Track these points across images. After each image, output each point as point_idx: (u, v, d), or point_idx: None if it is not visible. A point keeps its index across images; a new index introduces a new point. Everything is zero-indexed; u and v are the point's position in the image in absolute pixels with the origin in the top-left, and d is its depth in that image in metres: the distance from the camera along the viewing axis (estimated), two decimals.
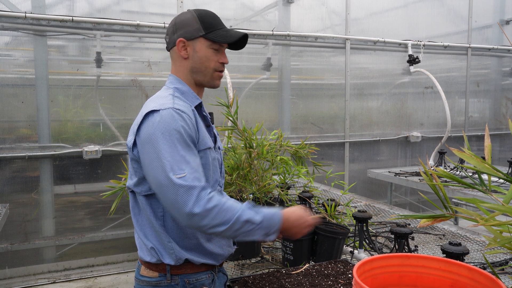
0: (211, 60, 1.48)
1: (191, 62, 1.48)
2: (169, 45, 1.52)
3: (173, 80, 1.52)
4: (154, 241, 1.45)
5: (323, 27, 4.98)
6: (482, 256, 2.09)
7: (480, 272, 1.12)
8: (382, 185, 5.28)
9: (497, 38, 6.06)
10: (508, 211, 1.02)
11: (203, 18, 1.46)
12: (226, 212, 1.32)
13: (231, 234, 1.34)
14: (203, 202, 1.29)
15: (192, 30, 1.45)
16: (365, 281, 1.14)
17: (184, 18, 1.48)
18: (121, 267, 4.14)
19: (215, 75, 1.51)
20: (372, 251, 2.09)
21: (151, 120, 1.34)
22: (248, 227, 1.33)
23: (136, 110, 4.10)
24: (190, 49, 1.47)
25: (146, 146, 1.34)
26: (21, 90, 3.74)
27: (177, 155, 1.31)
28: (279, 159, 2.49)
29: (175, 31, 1.48)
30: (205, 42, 1.46)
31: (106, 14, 3.96)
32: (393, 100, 5.44)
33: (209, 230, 1.32)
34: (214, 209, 1.30)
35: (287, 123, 4.87)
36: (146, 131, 1.35)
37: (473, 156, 1.11)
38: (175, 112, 1.35)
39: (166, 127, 1.33)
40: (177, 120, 1.34)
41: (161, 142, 1.31)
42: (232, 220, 1.31)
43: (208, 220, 1.30)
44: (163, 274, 1.45)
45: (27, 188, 3.82)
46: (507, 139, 6.29)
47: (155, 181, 1.32)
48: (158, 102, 1.39)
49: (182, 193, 1.29)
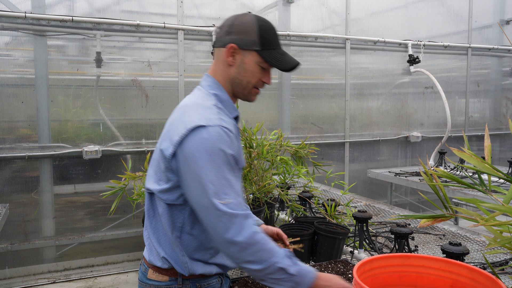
0: (255, 77, 1.41)
1: (235, 71, 1.41)
2: (217, 44, 1.42)
3: (212, 85, 1.43)
4: (167, 250, 1.40)
5: (323, 27, 4.98)
6: (482, 256, 2.09)
7: (480, 272, 1.12)
8: (382, 185, 5.27)
9: (497, 38, 6.06)
10: (508, 211, 1.02)
11: (263, 32, 1.38)
12: (266, 252, 1.27)
13: (260, 275, 1.28)
14: (247, 234, 1.25)
15: (248, 40, 1.37)
16: (365, 281, 1.14)
17: (244, 23, 1.38)
18: (121, 267, 4.14)
19: (253, 91, 1.45)
20: (372, 251, 2.09)
21: (198, 137, 1.27)
22: (280, 275, 1.27)
23: (136, 110, 4.11)
24: (239, 58, 1.39)
25: (190, 164, 1.27)
26: (21, 90, 3.74)
27: (222, 178, 1.26)
28: (279, 159, 2.49)
29: (229, 32, 1.39)
30: (256, 58, 1.39)
31: (106, 14, 3.96)
32: (393, 100, 5.44)
33: (242, 264, 1.27)
34: (256, 245, 1.26)
35: (287, 123, 4.87)
36: (191, 148, 1.27)
37: (473, 156, 1.11)
38: (223, 131, 1.29)
39: (214, 147, 1.26)
40: (225, 140, 1.28)
41: (207, 163, 1.26)
42: (268, 263, 1.26)
43: (246, 254, 1.26)
44: (174, 278, 1.40)
45: (27, 188, 3.82)
46: (507, 139, 6.29)
47: (197, 202, 1.28)
48: (203, 115, 1.31)
49: (225, 220, 1.24)
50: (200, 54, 4.37)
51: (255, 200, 2.36)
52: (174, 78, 4.25)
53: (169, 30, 4.16)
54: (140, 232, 4.21)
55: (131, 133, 4.14)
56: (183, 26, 4.20)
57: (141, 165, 3.97)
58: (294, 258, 1.32)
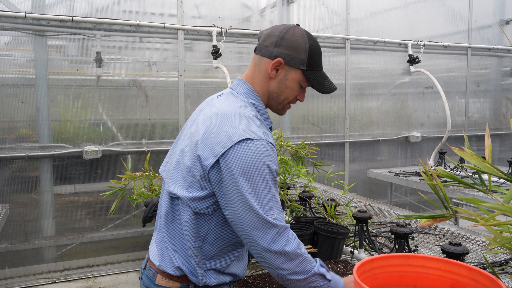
0: (293, 94, 1.42)
1: (275, 85, 1.39)
2: (262, 52, 1.39)
3: (249, 93, 1.40)
4: (183, 259, 1.37)
5: (323, 27, 4.98)
6: (482, 256, 2.09)
7: (480, 272, 1.12)
8: (382, 185, 5.27)
9: (497, 38, 6.06)
10: (508, 211, 1.02)
11: (312, 53, 1.37)
12: (309, 262, 1.30)
13: (303, 285, 1.30)
14: (293, 245, 1.28)
15: (297, 59, 1.36)
16: (365, 281, 1.14)
17: (295, 39, 1.36)
18: (121, 267, 4.14)
19: (286, 107, 1.46)
20: (372, 251, 2.09)
21: (245, 151, 1.24)
22: (320, 282, 1.32)
23: (136, 110, 4.11)
24: (282, 73, 1.38)
25: (235, 178, 1.24)
26: (21, 90, 3.74)
27: (269, 193, 1.26)
28: (279, 159, 2.49)
29: (278, 44, 1.36)
30: (299, 77, 1.38)
31: (106, 14, 3.96)
32: (393, 100, 5.44)
33: (288, 276, 1.28)
34: (302, 256, 1.29)
35: (287, 123, 4.87)
36: (238, 162, 1.24)
37: (474, 156, 1.11)
38: (269, 146, 1.28)
39: (260, 162, 1.25)
40: (270, 155, 1.28)
41: (254, 178, 1.24)
42: (311, 272, 1.30)
43: (293, 265, 1.27)
44: (186, 285, 1.38)
45: (27, 188, 3.82)
46: (507, 139, 6.29)
47: (241, 217, 1.26)
48: (247, 127, 1.28)
49: (273, 232, 1.25)
50: (200, 54, 4.37)
51: None
52: (174, 78, 4.25)
53: (169, 30, 4.16)
54: (140, 232, 4.21)
55: (131, 133, 4.14)
56: (183, 26, 4.20)
57: (141, 165, 3.96)
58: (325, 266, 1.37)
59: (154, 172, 2.56)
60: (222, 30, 4.33)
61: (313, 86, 1.41)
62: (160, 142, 4.23)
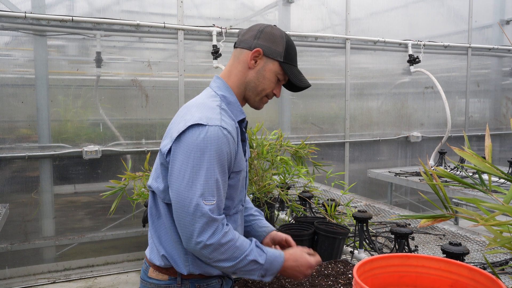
0: (270, 86, 1.46)
1: (253, 75, 1.44)
2: (242, 44, 1.45)
3: (221, 86, 1.46)
4: (169, 249, 1.40)
5: (323, 27, 4.98)
6: (482, 256, 2.09)
7: (480, 272, 1.12)
8: (382, 185, 5.27)
9: (497, 38, 6.06)
10: (508, 211, 1.02)
11: (289, 48, 1.45)
12: (237, 249, 1.31)
13: (232, 270, 1.33)
14: (218, 236, 1.28)
15: (275, 50, 1.43)
16: (365, 281, 1.14)
17: (273, 33, 1.44)
18: (121, 267, 4.14)
19: (264, 100, 1.50)
20: (372, 251, 2.09)
21: (195, 134, 1.28)
22: (251, 266, 1.33)
23: (136, 110, 4.11)
24: (260, 64, 1.43)
25: (181, 158, 1.28)
26: (21, 90, 3.74)
27: (212, 179, 1.28)
28: (279, 159, 2.49)
29: (258, 37, 1.43)
30: (277, 68, 1.44)
31: (106, 14, 3.96)
32: (393, 100, 5.44)
33: (214, 263, 1.31)
34: (227, 244, 1.30)
35: (287, 123, 4.87)
36: (187, 144, 1.29)
37: (474, 155, 1.11)
38: (221, 132, 1.30)
39: (209, 146, 1.27)
40: (222, 141, 1.29)
41: (199, 161, 1.27)
42: (239, 258, 1.31)
43: (217, 253, 1.29)
44: (174, 277, 1.41)
45: (27, 188, 3.82)
46: (507, 139, 6.29)
47: (178, 197, 1.28)
48: (204, 114, 1.33)
49: (202, 222, 1.26)
50: (200, 54, 4.37)
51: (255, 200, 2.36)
52: (174, 78, 4.25)
53: (169, 30, 4.16)
54: (140, 232, 4.21)
55: (131, 133, 4.14)
56: (183, 26, 4.20)
57: (141, 165, 3.96)
58: (263, 246, 1.38)
59: None
60: (222, 30, 4.33)
61: (290, 78, 1.46)
62: (160, 142, 4.21)
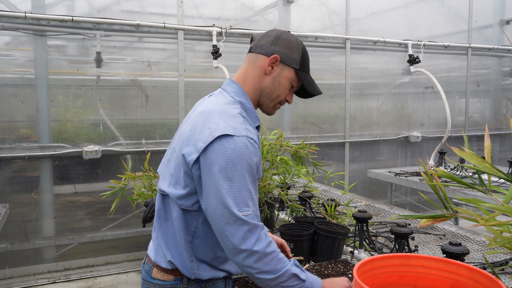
0: (284, 93, 1.47)
1: (269, 81, 1.44)
2: (259, 50, 1.44)
3: (238, 92, 1.44)
4: (174, 254, 1.40)
5: (323, 27, 4.98)
6: (482, 256, 2.09)
7: (480, 272, 1.12)
8: (382, 185, 5.27)
9: (497, 38, 6.06)
10: (508, 211, 1.02)
11: (304, 56, 1.47)
12: (279, 261, 1.30)
13: (273, 284, 1.30)
14: (263, 244, 1.27)
15: (291, 57, 1.43)
16: (365, 281, 1.14)
17: (290, 40, 1.45)
18: (121, 267, 4.14)
19: (276, 106, 1.51)
20: (372, 251, 2.09)
21: (224, 146, 1.27)
22: (293, 282, 1.31)
23: (136, 110, 4.11)
24: (277, 70, 1.43)
25: (214, 173, 1.27)
26: (21, 90, 3.74)
27: (245, 189, 1.28)
28: (279, 159, 2.49)
29: (275, 43, 1.43)
30: (292, 75, 1.45)
31: (106, 14, 3.96)
32: (393, 100, 5.44)
33: (256, 274, 1.29)
34: (271, 254, 1.29)
35: (287, 123, 4.87)
36: (217, 156, 1.27)
37: (474, 156, 1.11)
38: (249, 143, 1.30)
39: (240, 158, 1.27)
40: (251, 152, 1.30)
41: (231, 173, 1.26)
42: (282, 271, 1.29)
43: (261, 264, 1.27)
44: (179, 278, 1.41)
45: (27, 188, 3.82)
46: (507, 139, 6.29)
47: (215, 212, 1.27)
48: (229, 123, 1.31)
49: (244, 229, 1.26)
50: (200, 54, 4.37)
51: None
52: (174, 78, 4.25)
53: (169, 30, 4.16)
54: (140, 232, 4.21)
55: (131, 133, 4.14)
56: (183, 26, 4.20)
57: (141, 165, 3.96)
58: (300, 266, 1.37)
59: (154, 172, 2.56)
60: (222, 30, 4.33)
61: (304, 85, 1.47)
62: (160, 142, 4.23)
